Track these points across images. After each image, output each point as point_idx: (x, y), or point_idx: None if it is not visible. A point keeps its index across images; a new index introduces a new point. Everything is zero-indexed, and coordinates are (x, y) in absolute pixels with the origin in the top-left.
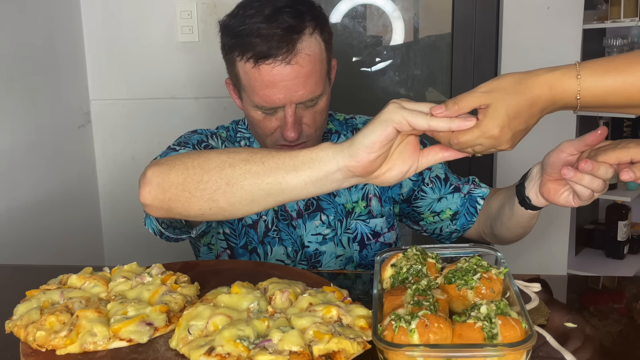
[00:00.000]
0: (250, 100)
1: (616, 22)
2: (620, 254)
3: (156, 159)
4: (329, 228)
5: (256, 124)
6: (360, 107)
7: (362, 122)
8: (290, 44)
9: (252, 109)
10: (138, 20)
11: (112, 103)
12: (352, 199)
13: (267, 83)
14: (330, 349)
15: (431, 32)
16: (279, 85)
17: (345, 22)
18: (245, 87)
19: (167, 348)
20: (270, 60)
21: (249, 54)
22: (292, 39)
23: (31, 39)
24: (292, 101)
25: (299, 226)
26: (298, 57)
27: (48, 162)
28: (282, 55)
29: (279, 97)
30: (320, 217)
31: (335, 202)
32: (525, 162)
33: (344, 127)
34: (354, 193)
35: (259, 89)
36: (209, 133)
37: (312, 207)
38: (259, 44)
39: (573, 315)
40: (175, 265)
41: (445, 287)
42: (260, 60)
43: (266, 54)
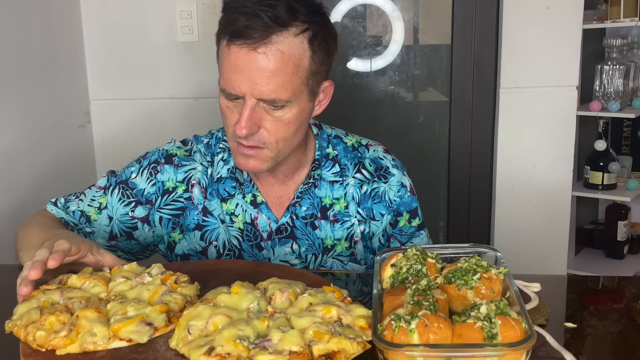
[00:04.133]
0: (220, 82)
1: (616, 22)
2: (620, 254)
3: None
4: (299, 259)
5: (222, 112)
6: (360, 107)
7: (371, 159)
8: (265, 32)
9: (220, 93)
10: (138, 20)
11: (112, 103)
12: (334, 235)
13: (232, 66)
14: (330, 349)
15: (431, 32)
16: (243, 72)
17: (345, 22)
18: (219, 68)
19: (167, 348)
20: (241, 41)
21: (227, 30)
22: (270, 29)
23: (31, 39)
24: (252, 94)
25: (267, 248)
26: (268, 48)
27: (48, 162)
28: (253, 39)
29: (239, 84)
30: (291, 245)
31: (314, 234)
32: (526, 162)
33: (348, 155)
34: (338, 230)
35: (226, 71)
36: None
37: (285, 232)
38: (239, 20)
39: (573, 315)
40: (175, 265)
41: (445, 287)
42: (233, 38)
43: (240, 33)
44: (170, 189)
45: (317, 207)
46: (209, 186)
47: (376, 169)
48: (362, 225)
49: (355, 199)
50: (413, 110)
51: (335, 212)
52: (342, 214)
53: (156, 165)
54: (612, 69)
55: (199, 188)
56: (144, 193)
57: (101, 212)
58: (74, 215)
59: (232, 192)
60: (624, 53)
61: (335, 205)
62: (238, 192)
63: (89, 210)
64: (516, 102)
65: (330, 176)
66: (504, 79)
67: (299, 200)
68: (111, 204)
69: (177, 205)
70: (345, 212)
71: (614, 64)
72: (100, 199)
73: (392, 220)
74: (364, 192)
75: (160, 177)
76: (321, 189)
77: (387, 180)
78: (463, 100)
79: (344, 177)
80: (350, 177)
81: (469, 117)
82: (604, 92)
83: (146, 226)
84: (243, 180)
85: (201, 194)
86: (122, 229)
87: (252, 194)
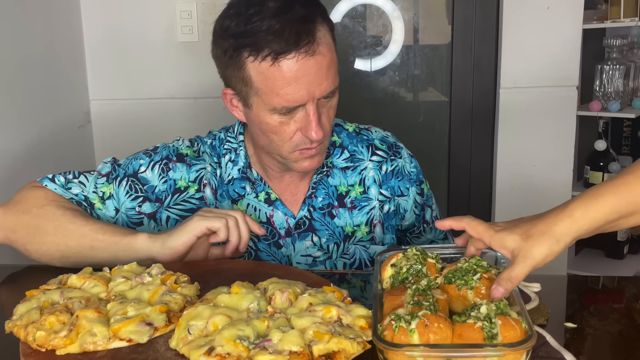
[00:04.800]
0: (267, 103)
1: (616, 22)
2: (620, 254)
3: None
4: (321, 250)
5: (272, 131)
6: (360, 107)
7: (379, 139)
8: (311, 35)
9: (267, 114)
10: (138, 21)
11: (112, 103)
12: (353, 222)
13: (289, 80)
14: (330, 349)
15: (431, 32)
16: (302, 81)
17: (345, 22)
18: (259, 90)
19: (167, 348)
20: (292, 54)
21: (265, 52)
22: (310, 29)
23: (31, 39)
24: (314, 96)
25: (286, 245)
26: (320, 46)
27: (48, 162)
28: (305, 47)
29: (302, 93)
30: (312, 238)
31: (333, 223)
32: (527, 161)
33: (354, 140)
34: (357, 216)
35: (280, 88)
36: (172, 151)
37: (304, 226)
38: (275, 40)
39: (573, 315)
40: (175, 265)
41: (445, 287)
42: (281, 56)
43: (286, 48)
44: (182, 188)
45: (332, 196)
46: (219, 187)
47: (389, 147)
48: (387, 205)
49: (376, 181)
50: (413, 110)
51: (352, 198)
52: (360, 200)
53: (168, 162)
54: (612, 69)
55: (210, 189)
56: (155, 190)
57: (105, 202)
58: (77, 197)
59: (241, 192)
60: (624, 53)
61: (352, 191)
62: (249, 192)
63: (93, 197)
64: (516, 102)
65: (341, 163)
66: (504, 79)
67: (314, 191)
68: (117, 195)
69: (188, 206)
70: (363, 197)
71: (614, 64)
72: (103, 187)
73: (418, 190)
74: (384, 172)
75: (172, 175)
76: (334, 177)
77: (400, 155)
78: (463, 100)
79: (355, 162)
80: (366, 160)
81: (469, 117)
82: (604, 92)
83: (152, 223)
84: (254, 179)
85: (212, 195)
86: (127, 223)
87: (265, 192)
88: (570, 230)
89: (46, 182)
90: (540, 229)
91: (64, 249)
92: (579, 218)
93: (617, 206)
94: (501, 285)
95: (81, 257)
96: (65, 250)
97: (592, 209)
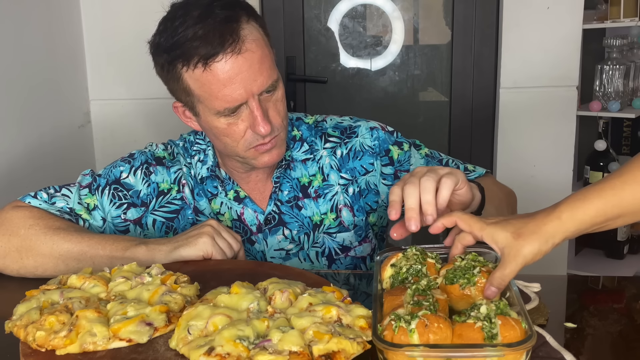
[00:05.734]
0: (210, 108)
1: (616, 22)
2: (620, 254)
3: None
4: (293, 243)
5: (222, 134)
6: (360, 107)
7: (332, 126)
8: (235, 34)
9: (214, 118)
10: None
11: (112, 103)
12: (319, 210)
13: (223, 81)
14: (330, 349)
15: (431, 32)
16: (237, 80)
17: (345, 22)
18: (200, 97)
19: (166, 348)
20: (220, 55)
21: (195, 59)
22: (233, 29)
23: (31, 39)
24: (253, 92)
25: (258, 241)
26: (246, 43)
27: (48, 162)
28: (230, 46)
29: (240, 92)
30: (282, 231)
31: (301, 215)
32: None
33: (312, 132)
34: (322, 204)
35: (217, 91)
36: (150, 155)
37: (274, 221)
38: (201, 46)
39: (573, 315)
40: (175, 265)
41: (447, 288)
42: (210, 59)
43: (213, 51)
44: (165, 190)
45: (297, 189)
46: (195, 187)
47: (341, 132)
48: (351, 187)
49: (334, 167)
50: (413, 110)
51: (315, 187)
52: (322, 188)
53: (148, 166)
54: (612, 69)
55: (188, 188)
56: (140, 194)
57: (91, 212)
58: (62, 210)
59: (214, 191)
60: (624, 53)
61: (314, 181)
62: (220, 190)
63: (79, 208)
64: (516, 102)
65: (301, 155)
66: (504, 79)
67: (278, 185)
68: (102, 205)
69: (171, 207)
70: (325, 184)
71: (614, 64)
72: (87, 199)
73: (384, 160)
74: (339, 156)
75: (154, 178)
76: (296, 170)
77: (356, 134)
78: (463, 100)
79: (313, 152)
80: (320, 149)
81: (469, 117)
82: (604, 92)
83: (138, 228)
84: (222, 178)
85: (190, 194)
86: (114, 232)
87: (234, 190)
88: (558, 231)
89: (29, 199)
90: (531, 228)
91: (63, 269)
92: (566, 220)
93: (602, 209)
94: (493, 284)
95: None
96: (65, 270)
97: (579, 211)
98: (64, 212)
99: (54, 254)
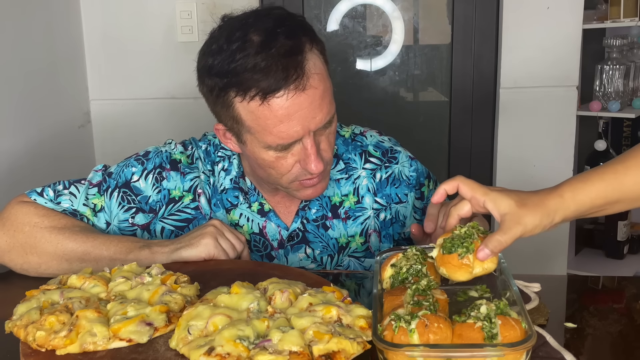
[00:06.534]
0: (261, 141)
1: (616, 22)
2: (620, 254)
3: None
4: (314, 263)
5: (269, 166)
6: (360, 107)
7: (373, 145)
8: (299, 68)
9: (262, 150)
10: (138, 21)
11: (112, 103)
12: (347, 232)
13: (281, 118)
14: (330, 349)
15: (431, 32)
16: (295, 117)
17: (345, 22)
18: (251, 128)
19: (167, 348)
20: (282, 92)
21: (253, 92)
22: (298, 62)
23: (31, 39)
24: (310, 130)
25: (278, 257)
26: (311, 79)
27: (48, 162)
28: (294, 83)
29: (297, 129)
30: (305, 250)
31: (326, 235)
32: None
33: (349, 147)
34: (351, 226)
35: (272, 127)
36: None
37: (297, 238)
38: (262, 79)
39: (573, 315)
40: (176, 265)
41: (444, 257)
42: (270, 95)
43: (275, 86)
44: (177, 198)
45: (326, 207)
46: (213, 196)
47: (383, 154)
48: (383, 213)
49: (370, 189)
50: (413, 110)
51: (346, 208)
52: (354, 210)
53: (161, 170)
54: (612, 69)
55: (205, 198)
56: (149, 200)
57: (97, 214)
58: (67, 211)
59: (234, 202)
60: (624, 53)
61: (345, 202)
62: (242, 201)
63: (84, 210)
64: (516, 102)
65: (335, 174)
66: (504, 79)
67: (308, 203)
68: (109, 207)
69: (183, 216)
70: (357, 207)
71: (614, 64)
72: (94, 199)
73: (417, 194)
74: (378, 179)
75: (166, 185)
76: (328, 188)
77: (397, 160)
78: (463, 100)
79: (349, 171)
80: (359, 169)
81: (469, 117)
82: (604, 92)
83: (146, 234)
84: (247, 189)
85: (207, 204)
86: (120, 235)
87: (259, 202)
88: (559, 208)
89: (35, 196)
90: (534, 201)
91: (66, 268)
92: (568, 199)
93: (603, 192)
94: (489, 247)
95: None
96: (68, 269)
97: (580, 192)
98: (68, 213)
99: (58, 253)
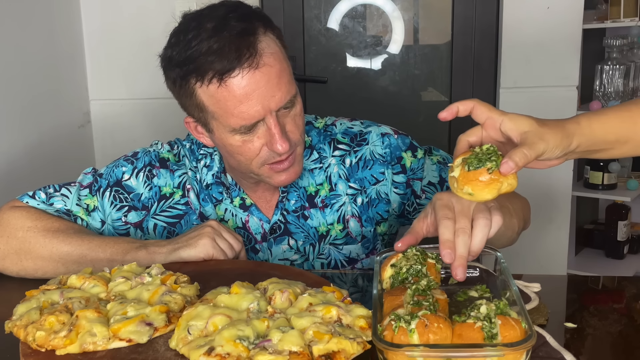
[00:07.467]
0: (225, 125)
1: (616, 22)
2: (620, 254)
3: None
4: (298, 254)
5: (237, 151)
6: (360, 107)
7: (341, 132)
8: (252, 47)
9: (228, 135)
10: (138, 20)
11: (112, 103)
12: (326, 221)
13: (240, 98)
14: (330, 349)
15: (431, 32)
16: (254, 96)
17: (345, 22)
18: (214, 113)
19: (166, 348)
20: (237, 71)
21: (210, 74)
22: (250, 42)
23: (31, 39)
24: (271, 109)
25: (262, 250)
26: (264, 57)
27: (48, 162)
28: (247, 61)
29: (257, 109)
30: (288, 241)
31: (306, 225)
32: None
33: (321, 138)
34: (329, 215)
35: (233, 108)
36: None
37: (279, 230)
38: (216, 60)
39: (573, 315)
40: (175, 265)
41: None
42: (225, 75)
43: (229, 66)
44: (168, 194)
45: (303, 198)
46: (200, 192)
47: (351, 139)
48: (360, 197)
49: (342, 176)
50: (413, 110)
51: (322, 197)
52: (329, 198)
53: (151, 168)
54: (612, 69)
55: (194, 193)
56: (141, 198)
57: (90, 214)
58: (60, 211)
59: (219, 197)
60: (624, 53)
61: (321, 190)
62: (225, 197)
63: (77, 210)
64: (516, 102)
65: (310, 164)
66: (504, 79)
67: (286, 194)
68: (103, 206)
69: (174, 212)
70: (332, 194)
71: (614, 64)
72: (87, 199)
73: (396, 169)
74: (348, 164)
75: (156, 182)
76: (303, 179)
77: (367, 141)
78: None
79: (323, 161)
80: (329, 157)
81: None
82: (604, 92)
83: (139, 232)
84: (229, 184)
85: (196, 199)
86: (113, 234)
87: (240, 197)
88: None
89: (26, 199)
90: (554, 122)
91: (63, 271)
92: (584, 126)
93: (617, 128)
94: (514, 158)
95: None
96: (65, 272)
97: (596, 122)
98: (61, 213)
99: (53, 257)
